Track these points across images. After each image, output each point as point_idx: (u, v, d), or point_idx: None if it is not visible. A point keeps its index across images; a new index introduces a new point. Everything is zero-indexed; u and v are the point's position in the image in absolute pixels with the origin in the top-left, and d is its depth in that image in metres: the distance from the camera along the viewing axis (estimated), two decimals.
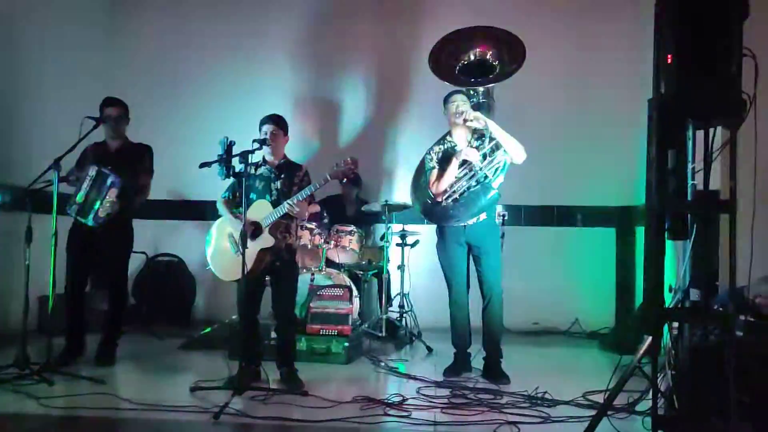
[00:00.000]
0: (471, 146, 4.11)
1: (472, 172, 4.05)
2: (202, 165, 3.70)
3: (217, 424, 3.02)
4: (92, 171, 4.16)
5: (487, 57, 4.48)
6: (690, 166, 2.92)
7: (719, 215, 2.91)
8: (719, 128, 2.89)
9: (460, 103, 4.13)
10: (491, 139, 4.05)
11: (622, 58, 6.14)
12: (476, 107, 4.17)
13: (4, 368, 3.78)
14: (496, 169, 4.06)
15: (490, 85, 4.45)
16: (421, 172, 4.30)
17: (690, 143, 2.92)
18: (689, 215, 2.90)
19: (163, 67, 6.62)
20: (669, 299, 2.99)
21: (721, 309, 2.83)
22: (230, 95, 6.49)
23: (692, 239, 2.89)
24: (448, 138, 4.24)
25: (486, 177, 4.04)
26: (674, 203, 2.84)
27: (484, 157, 4.06)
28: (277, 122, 3.96)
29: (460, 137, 4.19)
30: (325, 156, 6.29)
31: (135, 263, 5.97)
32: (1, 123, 5.32)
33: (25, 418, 3.06)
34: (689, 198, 2.89)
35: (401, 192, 6.32)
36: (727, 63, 2.67)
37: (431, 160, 4.19)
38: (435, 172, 4.14)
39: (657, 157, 2.78)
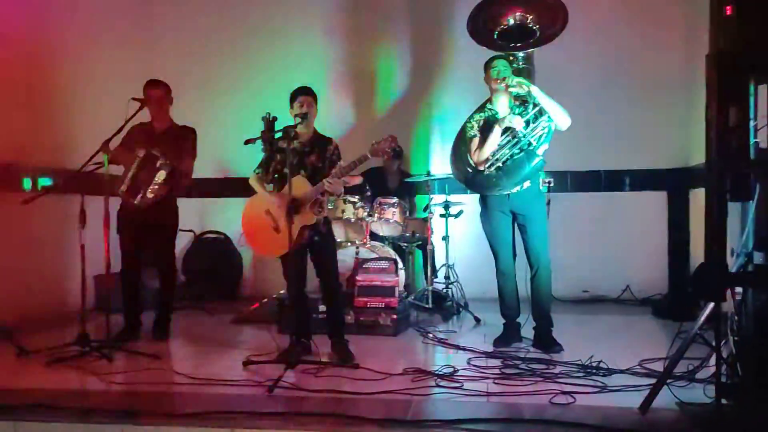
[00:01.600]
0: (513, 113, 4.00)
1: (516, 139, 3.95)
2: (247, 142, 3.68)
3: (271, 397, 3.04)
4: (141, 152, 4.22)
5: (527, 21, 4.33)
6: (752, 123, 2.79)
7: None
8: None
9: (502, 68, 3.99)
10: (534, 104, 3.94)
11: (671, 12, 5.91)
12: (516, 73, 4.05)
13: (66, 346, 3.91)
14: (540, 136, 3.95)
15: (531, 49, 4.32)
16: (460, 140, 4.21)
17: (752, 99, 2.78)
18: (752, 175, 2.78)
19: (201, 45, 6.65)
20: (730, 263, 2.89)
21: None
22: (268, 70, 6.48)
23: (755, 200, 2.77)
24: (488, 106, 4.12)
25: (530, 144, 3.94)
26: (736, 163, 2.71)
27: (528, 123, 3.95)
28: (312, 94, 3.88)
29: (502, 104, 4.07)
30: (362, 127, 6.27)
31: (183, 241, 6.10)
32: (48, 109, 5.43)
33: (88, 394, 3.15)
34: (752, 157, 2.77)
35: (441, 162, 6.26)
36: None
37: (472, 128, 4.08)
38: (476, 140, 4.04)
39: (717, 115, 2.66)
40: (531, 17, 4.32)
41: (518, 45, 4.30)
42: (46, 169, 5.24)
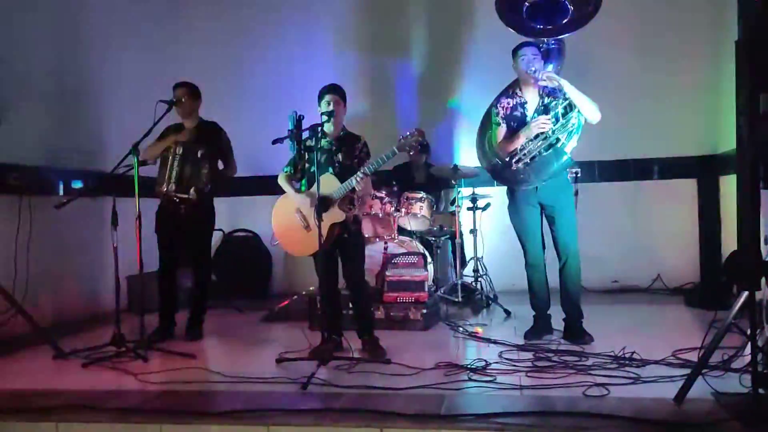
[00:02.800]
0: (542, 103, 3.94)
1: (544, 135, 3.89)
2: (275, 141, 3.71)
3: (305, 394, 3.08)
4: (179, 149, 4.30)
5: None
6: None
7: None
8: None
9: (531, 57, 3.90)
10: (564, 98, 3.88)
11: None
12: (547, 53, 3.95)
13: (101, 347, 3.99)
14: (570, 132, 3.90)
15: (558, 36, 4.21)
16: (486, 125, 4.16)
17: None
18: None
19: (229, 46, 6.72)
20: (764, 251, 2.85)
21: None
22: (295, 68, 6.53)
23: None
24: (517, 92, 4.05)
25: (558, 140, 3.89)
26: (767, 149, 2.67)
27: (557, 119, 3.89)
28: (339, 92, 3.88)
29: (530, 93, 4.00)
30: (385, 122, 6.26)
31: (212, 240, 6.17)
32: (78, 113, 5.53)
33: (126, 394, 3.21)
34: None
35: (465, 153, 6.26)
36: None
37: (497, 114, 4.04)
38: (502, 129, 4.01)
39: (747, 103, 2.62)
40: None
41: (545, 30, 4.11)
42: (77, 172, 5.35)
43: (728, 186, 5.55)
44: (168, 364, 3.73)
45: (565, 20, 4.03)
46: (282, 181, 4.00)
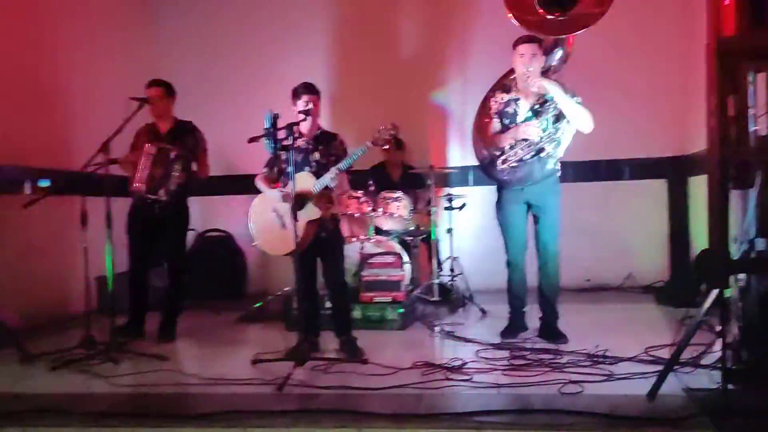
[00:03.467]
0: (534, 105, 3.93)
1: (530, 142, 3.90)
2: (251, 140, 3.65)
3: (281, 395, 3.06)
4: (152, 149, 4.23)
5: None
6: (751, 111, 2.81)
7: None
8: None
9: (529, 56, 3.80)
10: (556, 106, 3.84)
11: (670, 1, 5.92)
12: (554, 44, 3.89)
13: (70, 349, 3.91)
14: (558, 142, 3.90)
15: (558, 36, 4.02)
16: (482, 115, 4.13)
17: (751, 88, 2.80)
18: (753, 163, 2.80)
19: (203, 43, 6.65)
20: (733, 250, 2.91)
21: None
22: (271, 65, 6.47)
23: (756, 187, 2.80)
24: (513, 87, 4.00)
25: (544, 149, 3.89)
26: (737, 151, 2.74)
27: (547, 126, 3.88)
28: (314, 90, 3.86)
29: (525, 92, 3.94)
30: (366, 119, 6.22)
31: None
32: (48, 109, 5.41)
33: (96, 397, 3.15)
34: (751, 145, 2.79)
35: (455, 151, 6.30)
36: None
37: (490, 109, 4.03)
38: (493, 123, 4.01)
39: (717, 105, 2.67)
40: None
41: (551, 27, 3.67)
42: (45, 171, 5.23)
43: (697, 186, 5.66)
44: (139, 367, 3.68)
45: (579, 11, 3.73)
46: (258, 182, 3.97)
